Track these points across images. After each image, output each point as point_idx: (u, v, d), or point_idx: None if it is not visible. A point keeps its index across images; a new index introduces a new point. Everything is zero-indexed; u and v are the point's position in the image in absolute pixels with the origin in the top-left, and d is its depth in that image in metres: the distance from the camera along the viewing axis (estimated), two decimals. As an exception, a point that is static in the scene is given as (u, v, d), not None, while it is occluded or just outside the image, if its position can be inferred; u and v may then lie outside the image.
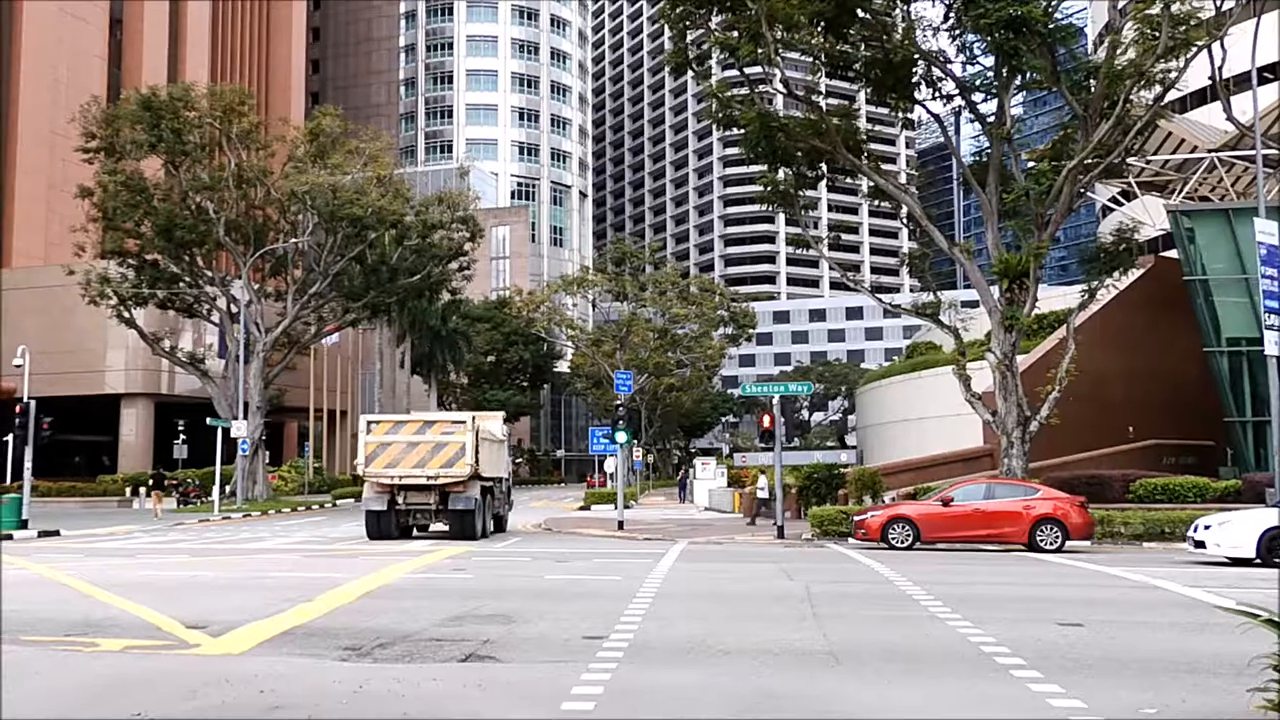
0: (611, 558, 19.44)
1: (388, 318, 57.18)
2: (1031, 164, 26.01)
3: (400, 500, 23.26)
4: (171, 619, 10.90)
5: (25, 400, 27.30)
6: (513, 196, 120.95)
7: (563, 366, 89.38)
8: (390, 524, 23.43)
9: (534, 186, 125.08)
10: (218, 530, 28.77)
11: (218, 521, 33.09)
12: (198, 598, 13.05)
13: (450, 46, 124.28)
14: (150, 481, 41.94)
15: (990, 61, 25.36)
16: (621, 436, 29.75)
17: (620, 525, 27.78)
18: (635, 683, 7.78)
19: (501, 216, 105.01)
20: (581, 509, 41.65)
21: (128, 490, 46.13)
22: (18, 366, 30.53)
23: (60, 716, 6.84)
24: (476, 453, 23.01)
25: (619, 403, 33.53)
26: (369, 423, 23.90)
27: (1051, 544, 19.97)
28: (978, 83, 26.11)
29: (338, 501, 48.28)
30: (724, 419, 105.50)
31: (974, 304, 35.03)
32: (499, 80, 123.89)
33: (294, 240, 43.56)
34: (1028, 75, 24.61)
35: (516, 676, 8.07)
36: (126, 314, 42.97)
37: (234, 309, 43.13)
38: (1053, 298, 37.18)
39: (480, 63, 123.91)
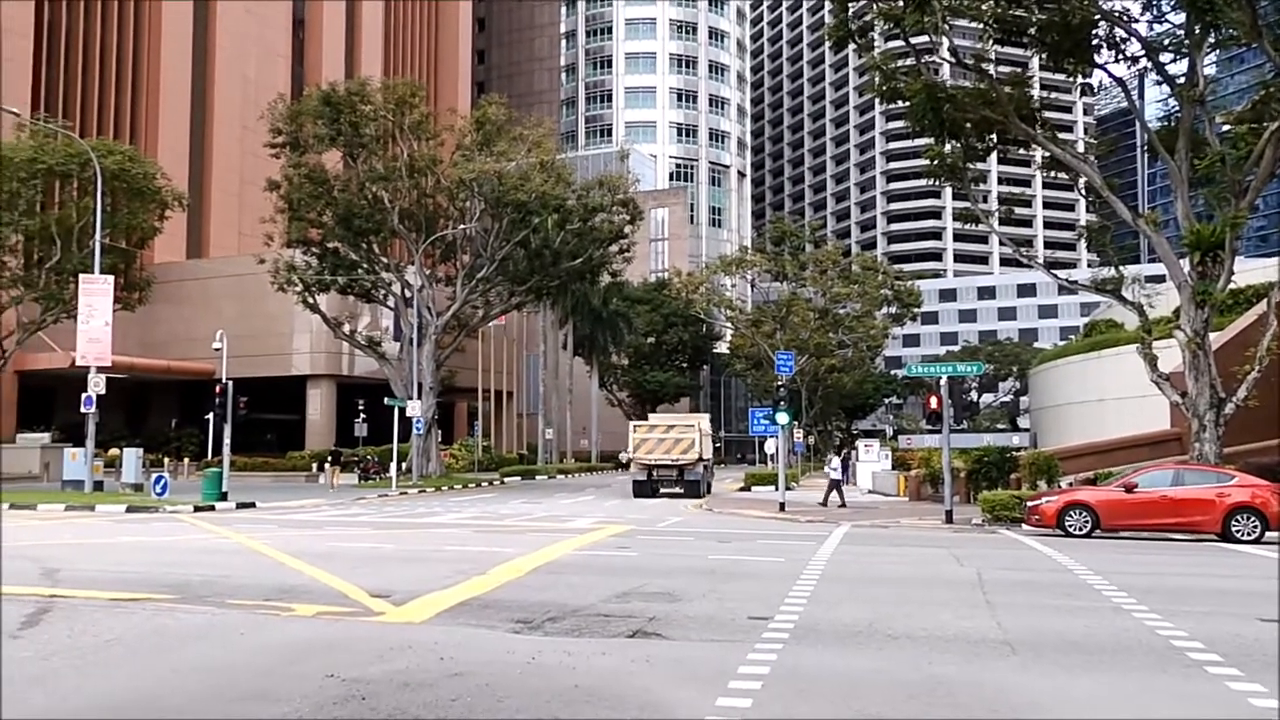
0: (774, 539, 19.36)
1: (551, 301, 58.53)
2: (1227, 127, 24.18)
3: (654, 474, 35.37)
4: (357, 587, 11.55)
5: (224, 381, 29.38)
6: (671, 178, 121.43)
7: (722, 347, 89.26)
8: (647, 489, 35.41)
9: (692, 167, 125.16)
10: (395, 505, 30.23)
11: (395, 497, 34.77)
12: (380, 568, 13.76)
13: (609, 31, 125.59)
14: (329, 458, 44.53)
15: (1180, 18, 23.69)
16: (782, 418, 29.49)
17: (782, 506, 27.61)
18: (801, 665, 7.74)
19: (660, 198, 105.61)
20: (741, 489, 41.62)
21: (314, 466, 49.07)
22: (216, 350, 32.90)
23: (264, 673, 7.36)
24: (700, 443, 35.19)
25: (779, 384, 33.22)
26: (634, 425, 37.79)
27: (1248, 534, 18.65)
28: (1166, 42, 24.42)
29: (505, 479, 49.89)
30: (887, 400, 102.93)
31: (1159, 279, 32.96)
32: (657, 62, 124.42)
33: (462, 226, 45.08)
34: (1224, 31, 22.85)
35: (683, 654, 8.16)
36: (311, 299, 45.51)
37: (407, 294, 45.07)
38: (1250, 270, 34.49)
39: (639, 45, 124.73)
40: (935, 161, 26.69)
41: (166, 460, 47.23)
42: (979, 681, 7.30)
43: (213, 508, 26.83)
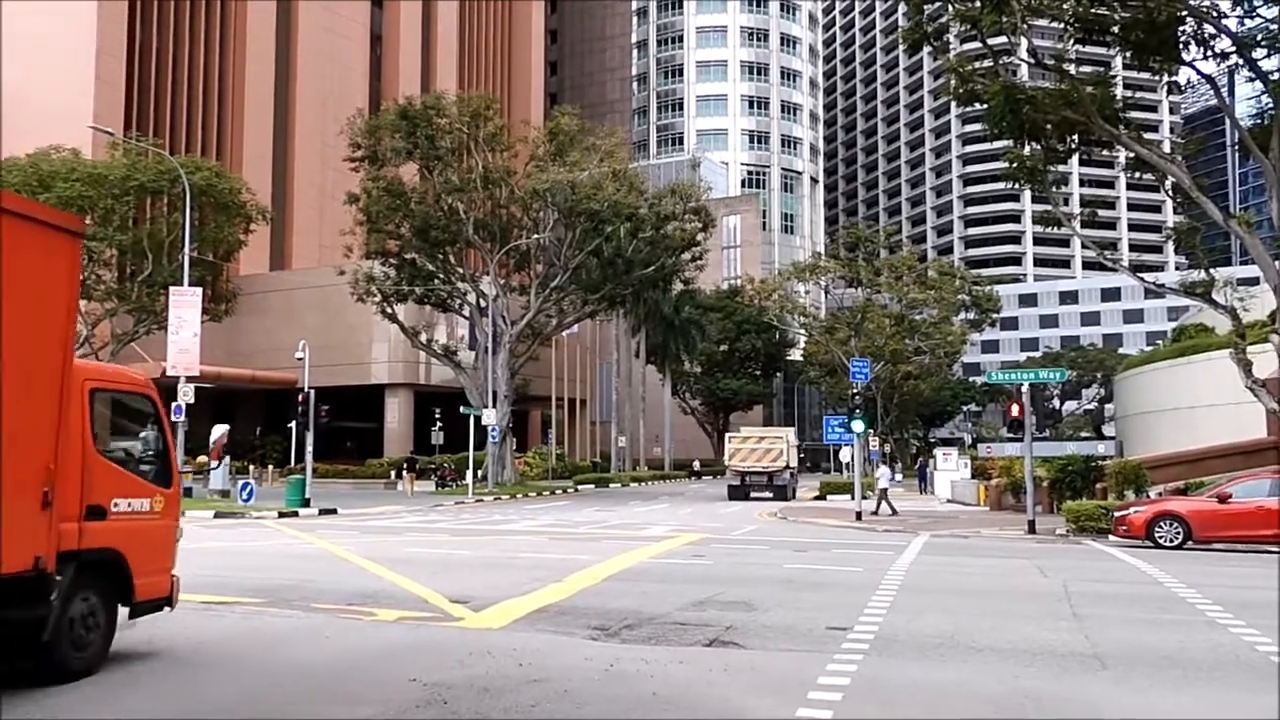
0: (851, 548, 19.13)
1: (623, 309, 58.70)
2: (1325, 122, 23.21)
3: (747, 480, 39.66)
4: (437, 593, 11.72)
5: (306, 390, 30.06)
6: (743, 185, 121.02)
7: (795, 355, 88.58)
8: (740, 492, 39.59)
9: (764, 174, 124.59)
10: (472, 512, 30.59)
11: (471, 504, 35.18)
12: (458, 574, 13.93)
13: (680, 40, 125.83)
14: (405, 465, 45.29)
15: (1273, 12, 22.84)
16: (858, 425, 29.15)
17: (858, 515, 27.28)
18: (882, 676, 7.63)
19: (732, 205, 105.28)
20: (816, 498, 41.21)
21: (392, 473, 49.91)
22: (299, 359, 33.69)
23: (349, 676, 7.51)
24: (787, 453, 39.78)
25: (854, 391, 32.90)
26: (729, 436, 43.85)
27: (1352, 548, 17.84)
28: (1258, 37, 23.55)
29: (579, 487, 50.10)
30: (965, 408, 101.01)
31: (1253, 281, 31.77)
32: (728, 70, 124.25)
33: (536, 236, 45.52)
34: (1320, 24, 21.97)
35: (761, 663, 8.10)
36: (389, 310, 46.37)
37: (482, 303, 45.64)
38: (1350, 272, 33.01)
39: (710, 54, 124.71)
40: (1014, 164, 26.11)
41: (252, 467, 48.45)
42: (1068, 696, 7.11)
43: (296, 514, 27.48)
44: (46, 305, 6.73)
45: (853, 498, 29.75)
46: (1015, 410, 24.27)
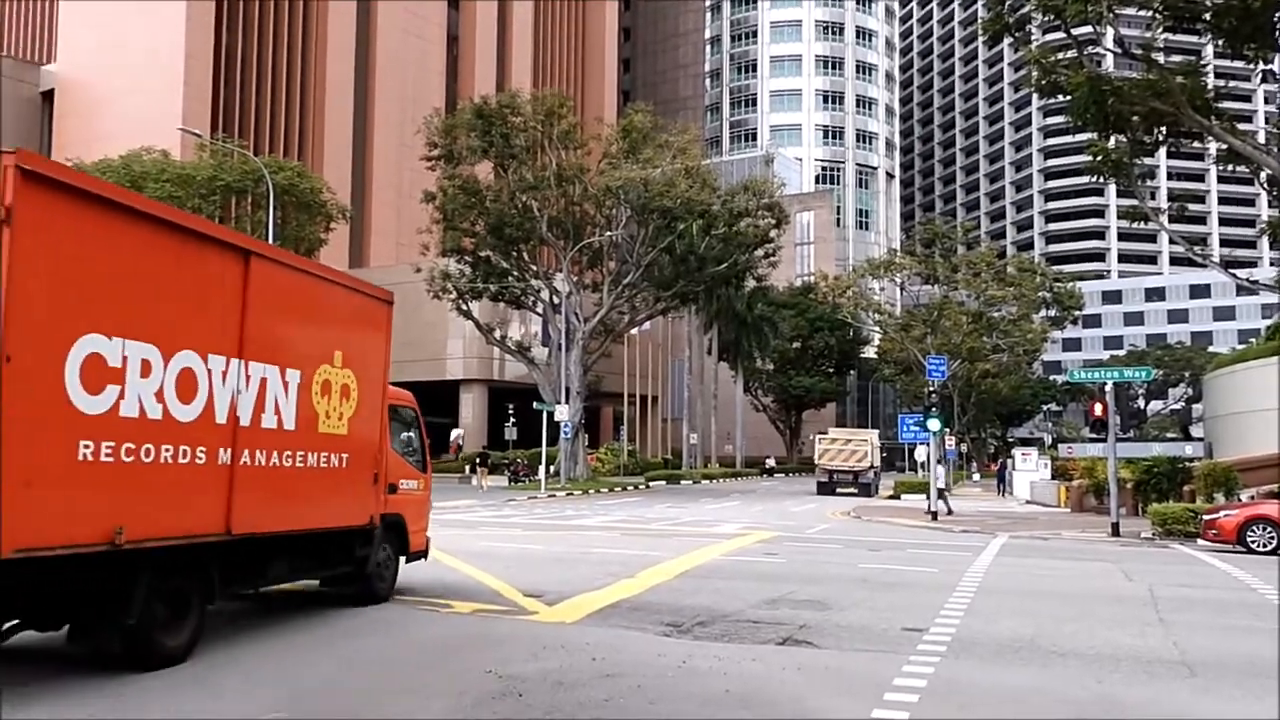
0: (926, 548, 18.84)
1: (696, 306, 58.61)
2: None
3: (834, 477, 43.05)
4: (511, 586, 11.86)
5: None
6: (817, 181, 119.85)
7: (869, 352, 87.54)
8: (828, 488, 42.68)
9: (839, 170, 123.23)
10: (545, 507, 30.85)
11: (544, 499, 35.49)
12: (532, 568, 14.07)
13: (754, 35, 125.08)
14: (477, 460, 45.84)
15: (1377, -5, 21.83)
16: (934, 424, 28.69)
17: (934, 515, 26.86)
18: (960, 679, 7.50)
19: (806, 202, 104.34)
20: (891, 498, 40.65)
21: (466, 468, 50.55)
22: (377, 355, 34.32)
23: (426, 667, 7.65)
24: (871, 453, 43.53)
25: (930, 389, 32.34)
26: (818, 437, 47.00)
27: None
28: (1361, 21, 22.55)
29: (650, 483, 50.17)
30: (1045, 407, 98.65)
31: (1354, 277, 30.43)
32: (803, 65, 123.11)
33: (609, 233, 45.69)
34: None
35: (835, 663, 8.03)
36: (464, 307, 46.97)
37: (555, 300, 45.98)
38: None
39: (784, 48, 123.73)
40: (1099, 158, 25.42)
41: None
42: (1154, 701, 6.91)
43: (374, 506, 27.95)
44: (378, 349, 9.99)
45: (928, 497, 29.30)
46: (1098, 410, 23.62)
